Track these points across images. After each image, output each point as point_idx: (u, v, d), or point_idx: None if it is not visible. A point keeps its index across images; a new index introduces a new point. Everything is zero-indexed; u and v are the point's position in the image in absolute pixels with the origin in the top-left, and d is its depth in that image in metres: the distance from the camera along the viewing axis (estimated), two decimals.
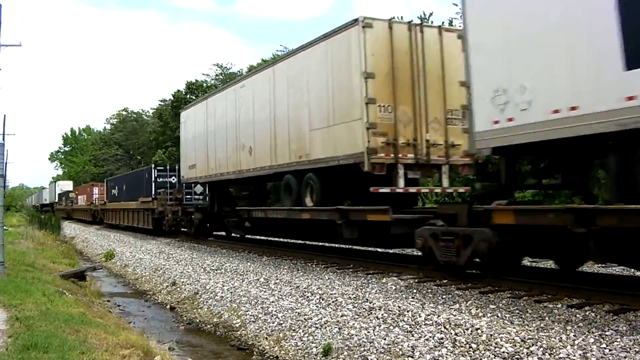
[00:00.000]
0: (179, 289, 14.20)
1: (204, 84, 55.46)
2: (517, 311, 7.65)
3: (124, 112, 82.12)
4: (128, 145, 74.90)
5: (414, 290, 9.52)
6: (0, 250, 11.70)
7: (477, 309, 7.93)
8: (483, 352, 6.51)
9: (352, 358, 7.43)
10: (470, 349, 6.66)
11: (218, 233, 23.37)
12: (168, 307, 13.19)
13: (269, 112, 15.46)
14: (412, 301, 8.82)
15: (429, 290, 9.44)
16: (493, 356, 6.36)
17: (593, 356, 5.86)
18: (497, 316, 7.53)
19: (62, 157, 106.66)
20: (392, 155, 11.80)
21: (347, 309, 9.08)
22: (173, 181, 27.97)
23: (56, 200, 67.42)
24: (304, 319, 9.18)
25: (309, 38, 14.00)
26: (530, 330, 6.80)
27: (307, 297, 10.27)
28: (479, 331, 7.01)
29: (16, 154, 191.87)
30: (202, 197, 25.02)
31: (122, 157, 75.73)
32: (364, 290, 9.97)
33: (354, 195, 13.93)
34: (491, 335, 6.82)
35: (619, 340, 6.13)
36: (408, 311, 8.22)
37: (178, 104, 53.63)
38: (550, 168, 9.60)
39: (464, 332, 7.11)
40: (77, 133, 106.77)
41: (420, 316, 7.94)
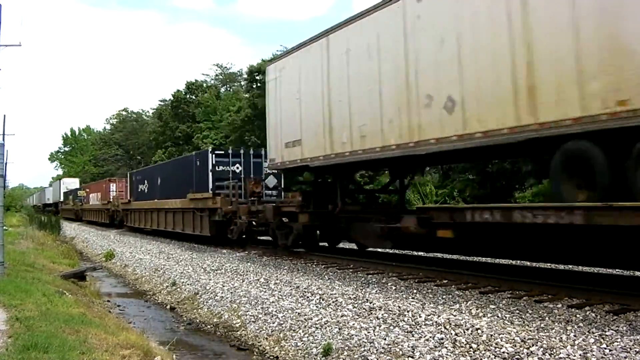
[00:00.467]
0: (179, 289, 14.20)
1: (204, 84, 55.55)
2: (517, 311, 7.65)
3: (124, 112, 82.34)
4: (128, 145, 74.95)
5: (414, 290, 9.53)
6: (0, 250, 11.70)
7: (477, 309, 7.93)
8: (483, 352, 6.51)
9: (352, 358, 7.43)
10: (471, 349, 6.66)
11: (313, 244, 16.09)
12: (168, 307, 13.19)
13: (507, 34, 8.48)
14: (412, 301, 8.83)
15: (429, 291, 9.44)
16: (493, 356, 6.36)
17: (593, 356, 5.86)
18: (497, 316, 7.53)
19: (62, 157, 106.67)
20: None
21: (347, 309, 9.08)
22: (237, 170, 20.85)
23: (61, 199, 62.21)
24: (304, 319, 9.18)
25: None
26: (530, 330, 6.80)
27: (307, 297, 10.27)
28: (479, 331, 7.01)
29: (16, 154, 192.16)
30: (276, 193, 18.34)
31: (122, 157, 75.79)
32: (364, 290, 9.98)
33: None
34: (491, 335, 6.82)
35: (619, 340, 6.13)
36: (408, 311, 8.22)
37: (178, 104, 53.75)
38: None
39: (464, 332, 7.11)
40: (77, 133, 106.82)
41: (420, 316, 7.94)
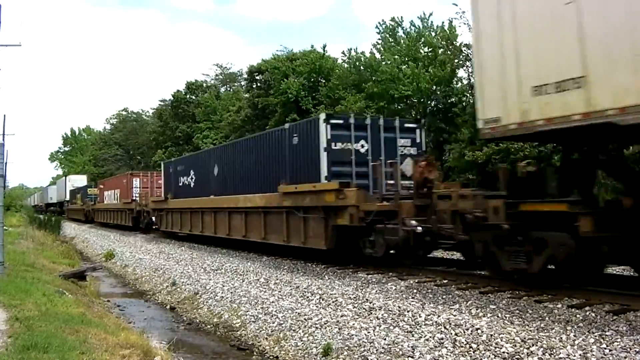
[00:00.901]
0: (179, 289, 14.19)
1: (204, 84, 55.59)
2: (517, 311, 7.65)
3: (124, 112, 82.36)
4: (128, 145, 74.96)
5: (414, 291, 9.53)
6: (0, 250, 11.69)
7: (477, 309, 7.93)
8: (483, 352, 6.51)
9: (352, 358, 7.43)
10: (471, 349, 6.66)
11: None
12: (168, 307, 13.18)
13: None
14: (412, 301, 8.83)
15: (429, 291, 9.44)
16: (493, 356, 6.36)
17: (593, 356, 5.86)
18: (497, 316, 7.53)
19: (62, 157, 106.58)
20: None
21: (347, 309, 9.08)
22: (362, 149, 13.35)
23: (66, 198, 56.68)
24: (304, 319, 9.18)
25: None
26: (530, 330, 6.80)
27: (307, 297, 10.27)
28: (479, 331, 7.01)
29: (16, 154, 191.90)
30: (411, 183, 11.73)
31: (122, 157, 75.77)
32: (364, 290, 9.98)
33: None
34: (491, 335, 6.82)
35: (619, 340, 6.14)
36: (408, 311, 8.22)
37: (178, 104, 53.80)
38: None
39: (464, 332, 7.11)
40: (77, 133, 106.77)
41: (420, 316, 7.94)
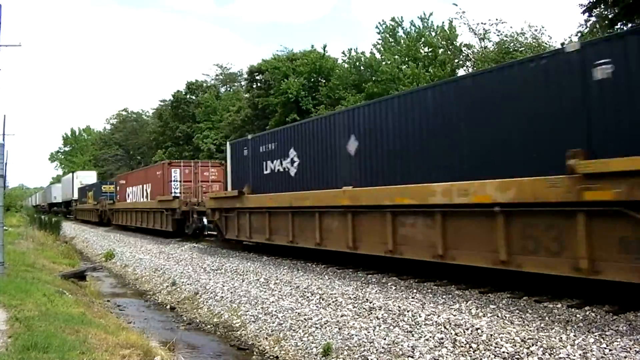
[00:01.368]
0: (179, 289, 14.20)
1: (204, 84, 55.60)
2: (517, 311, 7.65)
3: (124, 112, 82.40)
4: (128, 145, 74.98)
5: (414, 290, 9.52)
6: (0, 250, 11.69)
7: (477, 309, 7.93)
8: (483, 352, 6.51)
9: (352, 358, 7.43)
10: (470, 349, 6.66)
11: None
12: (168, 307, 13.18)
13: None
14: (412, 301, 8.82)
15: (429, 290, 9.44)
16: (493, 356, 6.36)
17: (593, 356, 5.86)
18: (497, 316, 7.53)
19: (62, 157, 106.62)
20: None
21: (347, 309, 9.08)
22: None
23: (74, 197, 51.32)
24: (304, 319, 9.18)
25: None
26: (530, 330, 6.80)
27: (307, 297, 10.27)
28: (479, 331, 7.01)
29: (16, 154, 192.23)
30: None
31: (122, 157, 75.79)
32: (364, 290, 9.97)
33: None
34: (491, 335, 6.82)
35: (619, 340, 6.14)
36: (408, 311, 8.22)
37: (178, 104, 53.82)
38: None
39: (464, 332, 7.11)
40: (77, 133, 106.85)
41: (420, 316, 7.94)
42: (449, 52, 29.15)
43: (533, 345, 6.34)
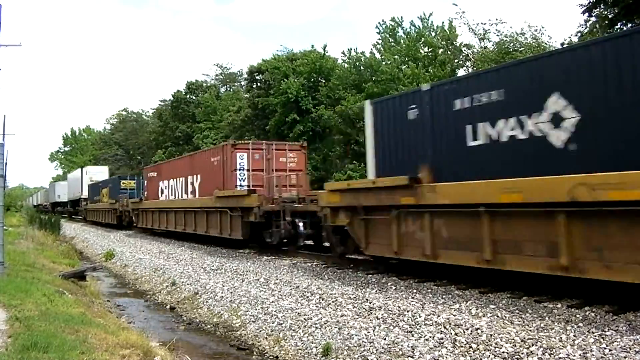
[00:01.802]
0: (178, 289, 14.20)
1: (204, 84, 55.64)
2: (517, 311, 7.65)
3: (124, 112, 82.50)
4: (128, 145, 75.00)
5: (414, 290, 9.52)
6: (0, 250, 11.69)
7: (477, 309, 7.93)
8: (483, 352, 6.51)
9: (351, 358, 7.43)
10: (470, 349, 6.66)
11: None
12: (168, 307, 13.18)
13: None
14: (412, 301, 8.82)
15: (429, 290, 9.44)
16: (493, 356, 6.36)
17: (593, 356, 5.86)
18: (497, 316, 7.53)
19: (62, 157, 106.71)
20: None
21: (347, 309, 9.08)
22: None
23: (83, 195, 45.45)
24: (304, 319, 9.18)
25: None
26: (530, 330, 6.80)
27: (307, 297, 10.27)
28: (479, 331, 7.01)
29: (16, 154, 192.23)
30: None
31: (122, 157, 75.81)
32: (364, 290, 9.98)
33: None
34: (491, 335, 6.82)
35: (619, 340, 6.14)
36: (408, 311, 8.22)
37: (178, 104, 53.86)
38: None
39: (464, 332, 7.12)
40: (77, 133, 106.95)
41: (420, 316, 7.94)
42: (448, 52, 29.19)
43: (533, 345, 6.34)
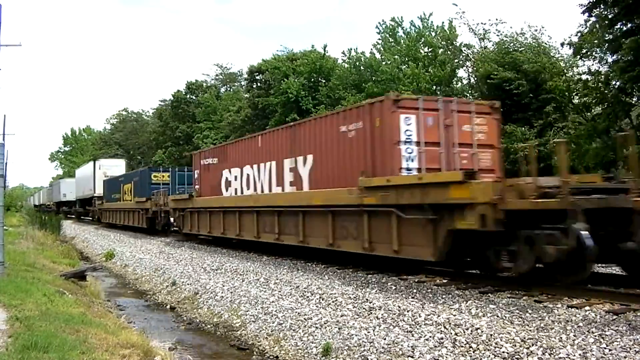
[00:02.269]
0: (179, 288, 14.21)
1: (204, 84, 55.62)
2: (517, 311, 7.65)
3: (124, 112, 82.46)
4: (128, 145, 74.99)
5: (414, 290, 9.52)
6: (0, 250, 11.69)
7: (477, 309, 7.93)
8: (483, 352, 6.52)
9: (351, 358, 7.43)
10: (470, 349, 6.66)
11: None
12: (168, 307, 13.19)
13: None
14: (412, 301, 8.83)
15: (429, 290, 9.44)
16: (493, 356, 6.36)
17: (593, 356, 5.86)
18: (497, 316, 7.53)
19: (62, 157, 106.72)
20: None
21: (347, 308, 9.08)
22: None
23: (96, 193, 38.71)
24: (304, 318, 9.18)
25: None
26: (530, 330, 6.80)
27: (307, 297, 10.28)
28: (479, 331, 7.02)
29: (16, 154, 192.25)
30: None
31: (122, 157, 75.73)
32: (364, 290, 9.98)
33: None
34: (491, 335, 6.82)
35: (618, 340, 6.14)
36: (408, 311, 8.23)
37: (178, 104, 53.85)
38: None
39: (464, 332, 7.12)
40: (77, 133, 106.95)
41: (420, 316, 7.94)
42: (448, 52, 29.18)
43: (533, 345, 6.34)
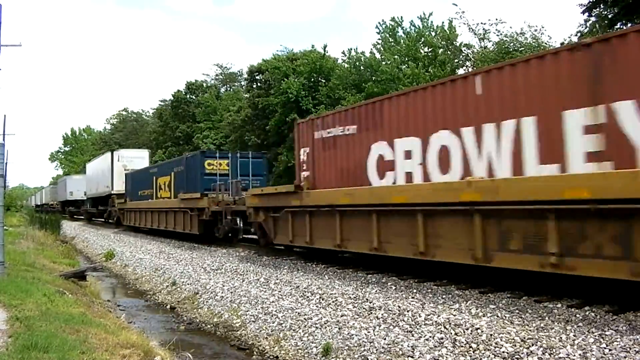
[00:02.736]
0: (179, 288, 14.21)
1: (204, 84, 55.60)
2: (517, 311, 7.65)
3: (124, 112, 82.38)
4: (128, 145, 74.91)
5: (414, 290, 9.53)
6: (0, 250, 11.69)
7: (477, 309, 7.94)
8: (483, 352, 6.52)
9: (352, 358, 7.43)
10: (470, 349, 6.66)
11: None
12: (168, 307, 13.19)
13: None
14: (412, 301, 8.83)
15: (429, 290, 9.44)
16: (493, 356, 6.36)
17: (593, 356, 5.87)
18: (497, 316, 7.54)
19: (62, 157, 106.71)
20: None
21: (347, 308, 9.08)
22: None
23: (114, 189, 32.90)
24: (304, 318, 9.18)
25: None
26: (530, 330, 6.80)
27: (307, 297, 10.28)
28: (479, 331, 7.02)
29: (16, 154, 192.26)
30: None
31: None
32: (364, 290, 9.98)
33: None
34: (491, 335, 6.82)
35: (618, 340, 6.14)
36: (408, 311, 8.23)
37: (178, 104, 53.83)
38: None
39: (464, 332, 7.12)
40: (77, 133, 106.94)
41: (420, 316, 7.94)
42: (448, 52, 29.20)
43: (533, 345, 6.34)
